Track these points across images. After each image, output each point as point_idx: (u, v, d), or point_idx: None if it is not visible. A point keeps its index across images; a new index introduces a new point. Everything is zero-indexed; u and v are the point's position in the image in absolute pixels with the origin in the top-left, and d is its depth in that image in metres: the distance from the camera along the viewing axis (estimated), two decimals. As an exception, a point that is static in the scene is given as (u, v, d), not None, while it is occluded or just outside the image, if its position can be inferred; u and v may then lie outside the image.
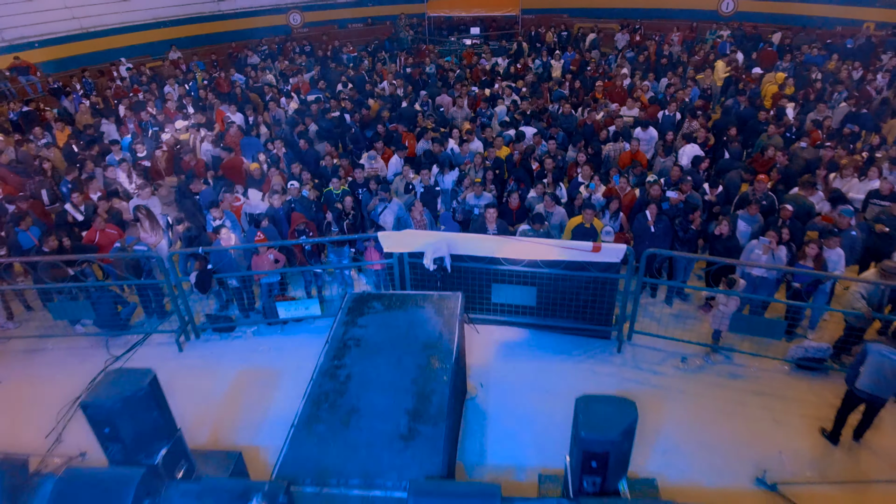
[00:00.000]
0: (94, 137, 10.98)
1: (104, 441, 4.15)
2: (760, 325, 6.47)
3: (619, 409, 3.79)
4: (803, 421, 5.97)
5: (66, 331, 7.56)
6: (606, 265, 6.60)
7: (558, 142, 9.54)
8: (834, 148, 8.77)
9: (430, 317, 5.42)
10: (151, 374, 4.21)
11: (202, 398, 6.37)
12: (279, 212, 8.00)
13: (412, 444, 4.15)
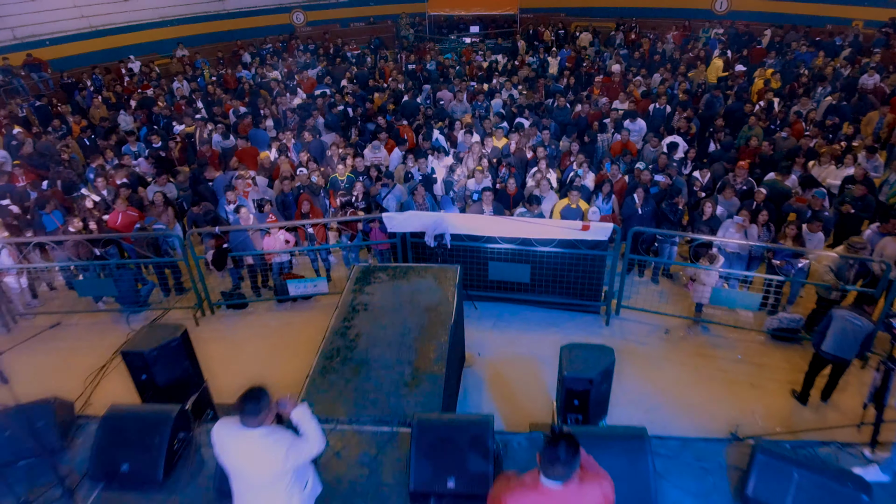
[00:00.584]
0: (111, 128, 11.47)
1: (141, 387, 4.65)
2: (738, 298, 6.97)
3: (599, 353, 4.29)
4: (776, 385, 6.45)
5: (89, 307, 8.05)
6: (595, 243, 7.09)
7: (552, 132, 10.04)
8: (814, 137, 9.25)
9: (430, 285, 5.92)
10: (183, 328, 4.71)
11: (218, 365, 6.81)
12: (288, 196, 8.51)
13: (415, 390, 4.64)
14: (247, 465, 2.95)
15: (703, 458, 4.14)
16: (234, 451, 2.95)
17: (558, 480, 2.53)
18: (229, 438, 2.95)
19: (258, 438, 2.88)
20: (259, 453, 2.89)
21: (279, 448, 2.88)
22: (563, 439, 2.52)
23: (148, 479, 4.04)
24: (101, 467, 4.04)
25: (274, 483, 2.96)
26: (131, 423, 4.15)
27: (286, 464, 2.89)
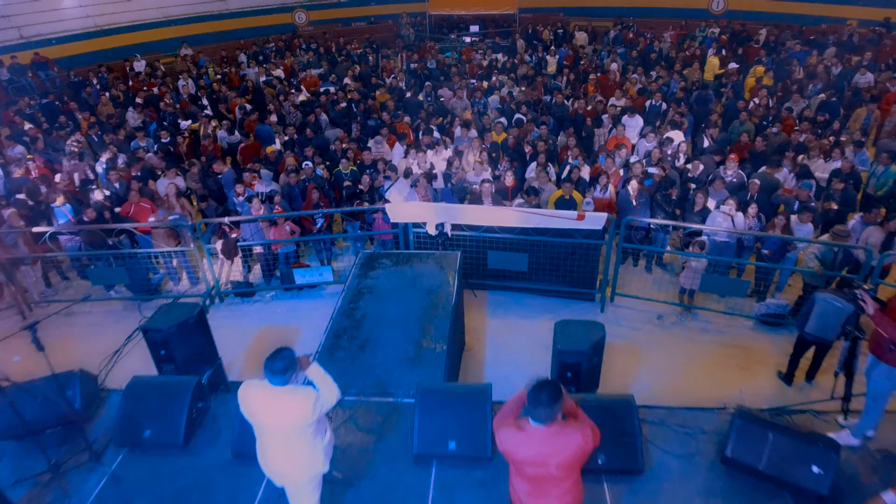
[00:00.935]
0: (119, 123, 11.78)
1: (160, 362, 4.94)
2: (726, 284, 7.26)
3: (590, 329, 4.59)
4: (763, 367, 6.73)
5: (102, 295, 8.34)
6: (589, 232, 7.39)
7: (550, 128, 10.34)
8: (803, 133, 9.55)
9: (432, 269, 6.22)
10: (199, 307, 5.00)
11: (227, 349, 7.08)
12: (294, 189, 8.81)
13: (418, 365, 4.93)
14: (276, 420, 3.20)
15: (686, 425, 4.43)
16: (263, 407, 3.20)
17: (541, 422, 2.82)
18: (257, 396, 3.21)
19: (286, 394, 3.15)
20: (288, 407, 3.15)
21: (307, 401, 3.16)
22: (546, 386, 2.82)
23: (169, 444, 4.33)
24: (126, 433, 4.34)
25: (301, 435, 3.24)
26: (153, 393, 4.44)
27: (314, 415, 3.17)
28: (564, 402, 2.91)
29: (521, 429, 2.87)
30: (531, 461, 2.85)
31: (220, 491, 4.07)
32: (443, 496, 3.95)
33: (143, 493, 4.08)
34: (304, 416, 3.16)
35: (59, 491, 4.09)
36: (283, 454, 3.31)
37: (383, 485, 4.04)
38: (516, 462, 2.92)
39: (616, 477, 4.03)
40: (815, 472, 3.69)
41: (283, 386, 3.16)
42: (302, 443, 3.28)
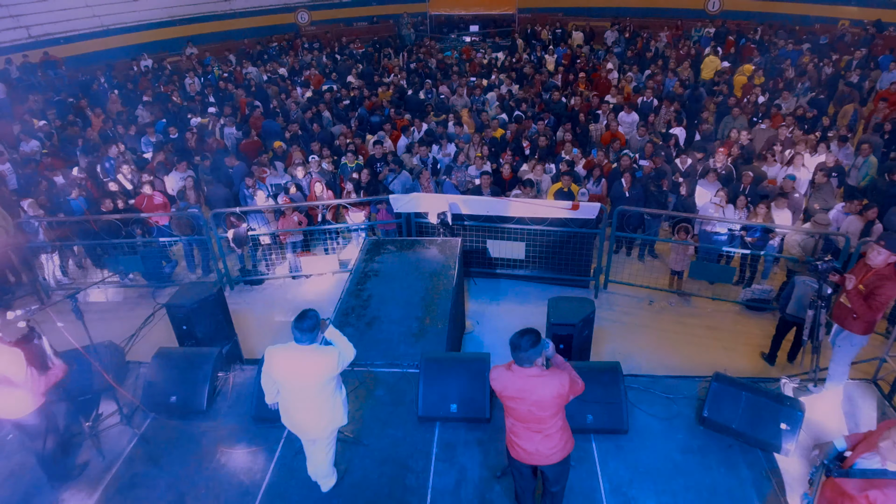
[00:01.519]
0: (131, 119, 12.16)
1: (181, 337, 5.31)
2: (714, 271, 7.65)
3: (581, 304, 4.97)
4: (748, 348, 7.10)
5: (117, 283, 8.71)
6: (584, 222, 7.76)
7: (547, 124, 10.72)
8: (790, 127, 9.93)
9: (434, 254, 6.59)
10: (218, 285, 5.36)
11: (239, 332, 7.47)
12: (302, 182, 9.18)
13: (421, 339, 5.30)
14: (303, 376, 3.54)
15: (669, 392, 4.81)
16: (290, 365, 3.53)
17: (524, 365, 3.22)
18: (284, 356, 3.56)
19: (312, 352, 3.52)
20: (314, 364, 3.51)
21: (332, 357, 3.53)
22: (526, 334, 3.21)
23: (193, 409, 4.70)
24: (153, 399, 4.71)
25: (324, 389, 3.61)
26: (178, 362, 4.82)
27: (337, 370, 3.56)
28: (553, 356, 3.30)
29: (508, 369, 3.29)
30: (512, 397, 3.26)
31: (240, 451, 4.44)
32: (445, 453, 4.32)
33: (170, 453, 4.45)
34: (330, 370, 3.53)
35: (95, 450, 4.46)
36: (309, 409, 3.66)
37: (391, 443, 4.42)
38: (504, 398, 3.32)
39: (603, 436, 4.40)
40: (783, 429, 4.07)
41: (309, 345, 3.52)
42: (325, 397, 3.64)
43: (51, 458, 4.08)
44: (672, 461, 4.20)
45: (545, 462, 3.36)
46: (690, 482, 4.03)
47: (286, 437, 4.53)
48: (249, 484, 4.17)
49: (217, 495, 4.10)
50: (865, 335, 4.37)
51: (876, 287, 4.07)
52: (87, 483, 4.23)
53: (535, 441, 3.31)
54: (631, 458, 4.24)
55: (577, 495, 3.96)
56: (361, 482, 4.14)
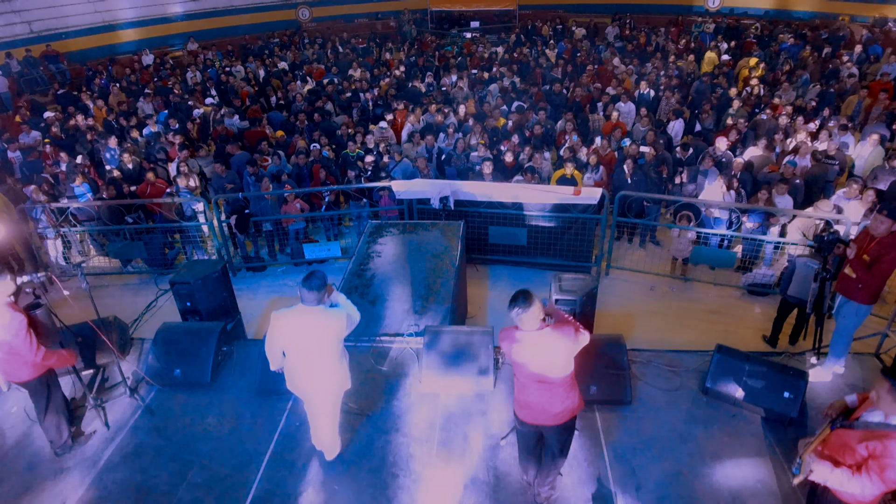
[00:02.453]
0: (131, 111, 12.21)
1: (185, 313, 5.33)
2: (716, 256, 7.66)
3: (584, 280, 4.98)
4: (750, 332, 7.10)
5: (119, 270, 8.74)
6: (585, 207, 7.78)
7: (547, 114, 10.76)
8: (789, 117, 9.97)
9: (437, 237, 6.60)
10: (223, 262, 5.38)
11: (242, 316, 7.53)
12: (303, 169, 9.22)
13: (424, 316, 5.32)
14: (311, 338, 3.55)
15: (672, 365, 4.83)
16: (298, 327, 3.53)
17: (528, 328, 3.23)
18: (292, 319, 3.55)
19: (320, 313, 3.52)
20: (323, 325, 3.52)
21: (340, 317, 3.55)
22: (519, 295, 3.22)
23: (197, 382, 4.72)
24: (158, 371, 4.73)
25: (332, 351, 3.63)
26: (183, 336, 4.83)
27: (345, 331, 3.58)
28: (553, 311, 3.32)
29: (517, 330, 3.29)
30: (523, 356, 3.26)
31: (245, 422, 4.46)
32: (449, 422, 4.34)
33: (174, 423, 4.47)
34: (338, 331, 3.56)
35: (99, 421, 4.47)
36: (316, 372, 3.67)
37: (395, 414, 4.43)
38: (514, 359, 3.32)
39: (607, 407, 4.42)
40: (785, 397, 4.09)
41: (316, 306, 3.52)
42: (332, 359, 3.66)
43: (54, 425, 4.10)
44: (675, 430, 4.21)
45: (553, 422, 3.35)
46: (694, 450, 4.05)
47: (290, 408, 4.55)
48: (253, 453, 4.18)
49: (222, 464, 4.11)
50: (870, 305, 4.39)
51: (880, 255, 4.09)
52: (91, 452, 4.24)
53: (544, 400, 3.31)
54: (634, 427, 4.25)
55: (580, 462, 3.97)
56: (365, 450, 4.15)
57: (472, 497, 3.79)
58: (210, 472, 4.04)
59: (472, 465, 4.00)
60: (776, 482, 3.83)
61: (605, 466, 3.96)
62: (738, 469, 3.92)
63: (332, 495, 3.83)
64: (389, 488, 3.86)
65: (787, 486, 3.80)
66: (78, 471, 4.10)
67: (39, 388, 4.00)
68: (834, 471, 2.72)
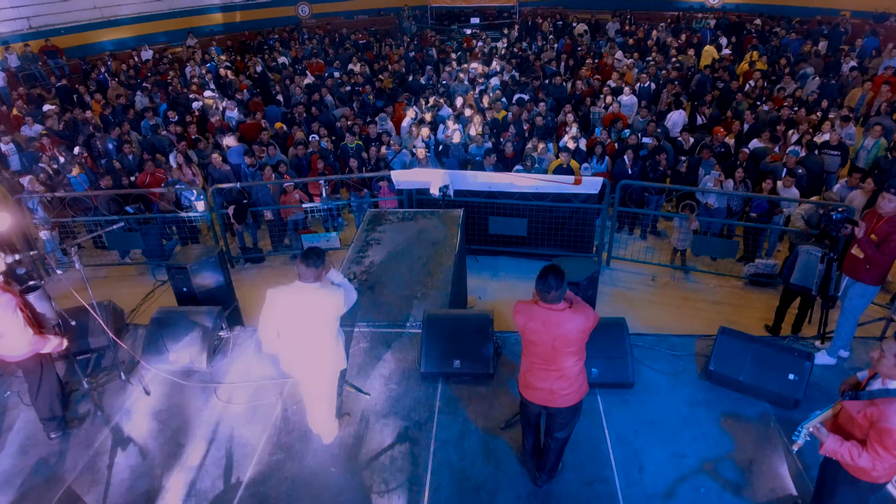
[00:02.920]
0: (129, 104, 12.16)
1: (181, 299, 5.25)
2: (717, 246, 7.60)
3: (586, 264, 4.92)
4: (752, 321, 7.04)
5: (116, 262, 8.68)
6: (586, 197, 7.72)
7: (548, 107, 10.71)
8: (792, 108, 9.91)
9: (436, 224, 6.53)
10: (219, 248, 5.32)
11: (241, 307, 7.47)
12: (302, 161, 9.16)
13: (424, 302, 5.25)
14: (307, 316, 3.46)
15: (674, 349, 4.76)
16: (294, 304, 3.43)
17: (551, 303, 3.16)
18: (289, 296, 3.45)
19: (318, 290, 3.43)
20: (320, 302, 3.43)
21: (337, 295, 3.48)
22: (550, 270, 3.14)
23: (194, 367, 4.65)
24: (154, 356, 4.66)
25: (328, 330, 3.55)
26: (179, 320, 4.76)
27: (342, 309, 3.50)
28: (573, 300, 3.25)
29: (535, 304, 3.23)
30: (537, 331, 3.17)
31: (240, 405, 4.38)
32: (449, 406, 4.27)
33: (170, 408, 4.40)
34: (335, 309, 3.48)
35: (94, 405, 4.41)
36: (312, 351, 3.59)
37: (394, 398, 4.36)
38: (527, 333, 3.22)
39: (608, 390, 4.35)
40: (790, 379, 4.02)
41: (314, 283, 3.44)
42: (328, 338, 3.58)
43: (47, 406, 4.03)
44: (678, 413, 4.15)
45: (559, 404, 3.28)
46: (697, 433, 3.98)
47: (288, 392, 4.48)
48: (250, 436, 4.11)
49: (218, 447, 4.04)
50: (877, 286, 4.32)
51: (888, 234, 4.03)
52: (85, 435, 4.17)
53: (552, 380, 3.24)
54: (636, 410, 4.19)
55: (582, 445, 3.90)
56: (363, 434, 4.08)
57: (471, 481, 3.72)
58: (205, 456, 3.97)
59: (472, 449, 3.94)
60: (783, 465, 3.76)
61: (607, 448, 3.89)
62: (742, 452, 3.85)
63: (328, 478, 3.76)
64: (387, 471, 3.80)
65: (794, 470, 3.73)
66: (71, 453, 4.03)
67: (33, 368, 3.93)
68: (843, 444, 2.66)
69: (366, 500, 3.62)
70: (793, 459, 3.80)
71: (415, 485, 3.70)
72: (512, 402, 4.26)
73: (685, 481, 3.66)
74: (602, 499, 3.55)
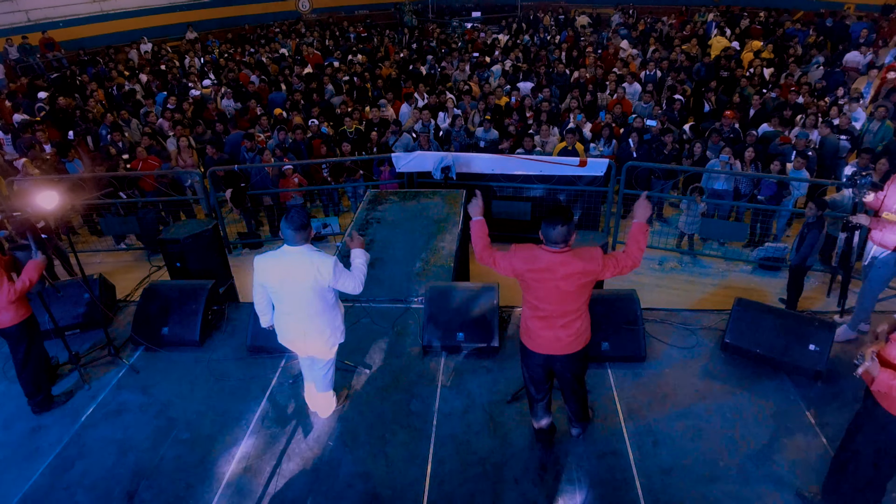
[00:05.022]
0: (128, 93, 12.01)
1: (175, 275, 5.07)
2: (726, 229, 7.41)
3: (590, 240, 4.72)
4: (761, 305, 6.86)
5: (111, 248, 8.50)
6: (591, 179, 7.54)
7: (552, 94, 10.55)
8: (800, 93, 9.73)
9: (439, 203, 6.36)
10: (214, 222, 5.14)
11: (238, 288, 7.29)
12: (301, 145, 8.99)
13: (426, 278, 5.06)
14: (295, 280, 3.22)
15: (688, 323, 4.57)
16: (282, 269, 3.22)
17: (556, 245, 2.98)
18: (274, 260, 3.26)
19: (305, 252, 3.21)
20: (308, 265, 3.19)
21: (327, 260, 3.23)
22: (558, 212, 2.96)
23: (186, 341, 4.47)
24: (144, 330, 4.47)
25: (319, 297, 3.30)
26: (171, 294, 4.58)
27: (333, 278, 3.23)
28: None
29: (537, 246, 3.05)
30: (540, 270, 2.98)
31: (234, 380, 4.20)
32: (452, 380, 4.07)
33: (160, 382, 4.21)
34: (324, 274, 3.21)
35: (81, 380, 4.22)
36: (306, 320, 3.37)
37: (395, 372, 4.18)
38: (529, 273, 3.02)
39: (619, 364, 4.16)
40: (811, 350, 3.83)
41: (301, 246, 3.22)
42: (322, 306, 3.34)
43: (32, 379, 3.84)
44: (692, 386, 3.95)
45: (564, 351, 3.10)
46: (713, 406, 3.78)
47: (283, 366, 4.30)
48: (244, 409, 3.92)
49: (211, 421, 3.85)
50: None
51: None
52: (71, 410, 3.98)
53: (556, 327, 3.05)
54: (649, 384, 3.99)
55: (593, 418, 3.70)
56: (362, 407, 3.89)
57: (476, 454, 3.53)
58: (196, 430, 3.78)
59: (477, 422, 3.74)
60: (804, 439, 3.57)
61: (619, 422, 3.70)
62: (762, 426, 3.66)
63: (325, 452, 3.57)
64: (389, 444, 3.60)
65: (817, 443, 3.53)
66: (56, 428, 3.84)
67: (20, 337, 3.74)
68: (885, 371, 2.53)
69: (365, 474, 3.44)
70: (816, 432, 3.60)
71: (417, 458, 3.50)
72: (518, 376, 4.05)
73: (702, 454, 3.46)
74: (615, 471, 3.36)
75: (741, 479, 3.31)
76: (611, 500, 3.21)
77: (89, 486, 3.42)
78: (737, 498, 3.21)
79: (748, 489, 3.25)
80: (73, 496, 3.36)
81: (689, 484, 3.29)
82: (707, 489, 3.26)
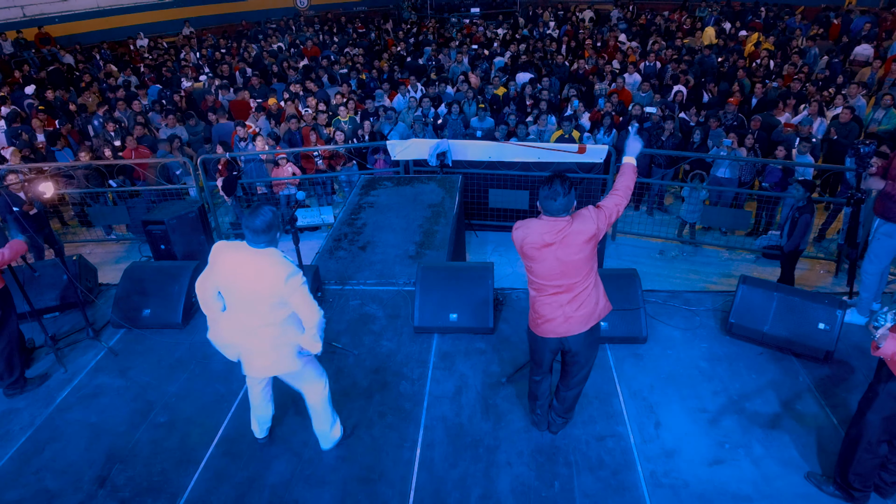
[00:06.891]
0: (119, 85, 11.86)
1: (160, 258, 4.90)
2: (728, 217, 7.23)
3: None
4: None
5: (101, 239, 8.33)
6: (591, 166, 7.36)
7: (552, 84, 10.39)
8: (802, 82, 9.57)
9: (433, 188, 6.19)
10: (200, 203, 4.96)
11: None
12: (296, 135, 8.82)
13: (419, 261, 4.89)
14: (246, 284, 2.74)
15: (690, 304, 4.39)
16: (235, 266, 2.74)
17: (556, 215, 2.82)
18: (231, 254, 2.77)
19: (265, 256, 2.72)
20: (262, 271, 2.70)
21: (286, 268, 2.70)
22: (556, 177, 2.79)
23: (168, 323, 4.29)
24: (125, 312, 4.30)
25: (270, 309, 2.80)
26: (153, 275, 4.41)
27: (289, 288, 2.70)
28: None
29: (539, 219, 2.92)
30: (540, 246, 2.81)
31: (217, 363, 4.02)
32: (444, 362, 3.90)
33: (140, 364, 4.03)
34: (278, 284, 2.68)
35: (57, 363, 4.04)
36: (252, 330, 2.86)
37: (385, 353, 4.00)
38: (529, 249, 2.86)
39: (620, 345, 3.98)
40: (820, 329, 3.65)
41: (263, 248, 2.73)
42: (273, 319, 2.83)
43: (5, 360, 3.66)
44: (697, 368, 3.77)
45: (576, 330, 2.89)
46: (718, 388, 3.61)
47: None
48: (226, 392, 3.75)
49: (190, 404, 3.67)
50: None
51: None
52: (45, 392, 3.80)
53: (563, 304, 2.86)
54: (651, 365, 3.81)
55: (591, 400, 3.53)
56: (350, 389, 3.71)
57: (468, 437, 3.35)
58: (175, 413, 3.60)
59: (470, 405, 3.56)
60: (814, 420, 3.39)
61: (619, 403, 3.52)
62: (769, 407, 3.48)
63: (309, 435, 3.38)
64: (376, 426, 3.43)
65: (827, 425, 3.35)
66: (29, 411, 3.66)
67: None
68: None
69: (351, 456, 3.26)
70: (825, 415, 3.42)
71: (406, 441, 3.32)
72: (514, 358, 3.89)
73: (707, 437, 3.28)
74: (615, 454, 3.17)
75: (749, 461, 3.13)
76: (610, 484, 3.03)
77: (59, 470, 3.24)
78: (744, 481, 3.03)
79: (756, 471, 3.07)
80: (41, 480, 3.18)
81: (693, 466, 3.11)
82: (713, 472, 3.08)
